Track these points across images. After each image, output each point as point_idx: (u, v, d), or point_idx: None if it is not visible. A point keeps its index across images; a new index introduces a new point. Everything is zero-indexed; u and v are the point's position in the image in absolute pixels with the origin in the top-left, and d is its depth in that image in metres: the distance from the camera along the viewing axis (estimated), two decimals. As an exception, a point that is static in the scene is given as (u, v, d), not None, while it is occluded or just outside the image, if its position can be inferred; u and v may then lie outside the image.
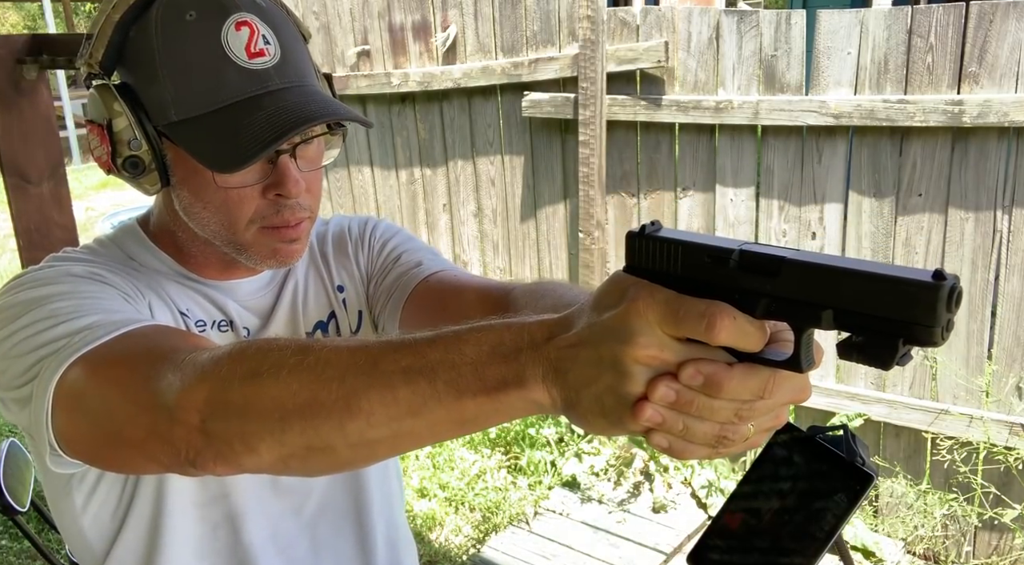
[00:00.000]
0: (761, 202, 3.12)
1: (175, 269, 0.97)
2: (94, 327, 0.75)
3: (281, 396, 0.62)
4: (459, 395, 0.57)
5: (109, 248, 0.96)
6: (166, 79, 0.85)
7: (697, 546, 0.61)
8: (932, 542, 2.95)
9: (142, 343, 0.74)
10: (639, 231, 0.57)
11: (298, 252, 0.94)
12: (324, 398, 0.61)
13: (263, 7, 0.88)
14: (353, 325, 1.09)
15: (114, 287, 0.86)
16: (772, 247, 0.53)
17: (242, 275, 1.01)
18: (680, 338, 0.52)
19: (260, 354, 0.65)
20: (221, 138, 0.83)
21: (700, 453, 0.55)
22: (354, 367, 0.61)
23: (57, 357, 0.74)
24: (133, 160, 0.86)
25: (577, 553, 3.03)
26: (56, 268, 0.87)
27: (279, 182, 0.88)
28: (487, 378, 0.57)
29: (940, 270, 0.47)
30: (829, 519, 0.57)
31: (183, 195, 0.90)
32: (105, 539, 0.94)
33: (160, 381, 0.67)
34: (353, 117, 0.89)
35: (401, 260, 1.08)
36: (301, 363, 0.62)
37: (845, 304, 0.50)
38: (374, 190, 4.26)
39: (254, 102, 0.84)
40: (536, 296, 0.88)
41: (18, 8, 15.20)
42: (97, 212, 7.84)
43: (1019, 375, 2.75)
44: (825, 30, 2.84)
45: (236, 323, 0.99)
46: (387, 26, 3.96)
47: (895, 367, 0.49)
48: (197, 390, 0.65)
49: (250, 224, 0.90)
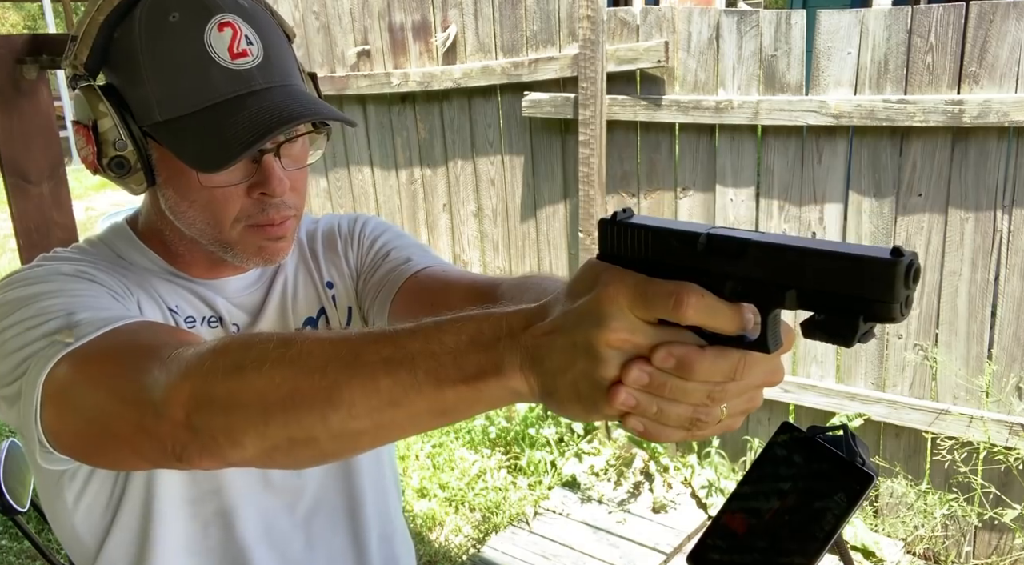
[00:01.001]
0: (761, 202, 3.12)
1: (164, 267, 0.98)
2: (82, 324, 0.76)
3: (264, 389, 0.62)
4: (439, 384, 0.58)
5: (99, 248, 0.97)
6: (150, 80, 0.85)
7: (697, 546, 0.61)
8: (932, 542, 2.95)
9: (129, 339, 0.75)
10: (611, 218, 0.58)
11: (284, 250, 0.95)
12: (306, 390, 0.61)
13: (246, 8, 0.88)
14: (343, 321, 1.09)
15: (102, 285, 0.87)
16: (740, 231, 0.54)
17: (230, 273, 1.01)
18: (651, 322, 0.53)
19: (243, 348, 0.65)
20: (205, 138, 0.84)
21: (675, 435, 0.56)
22: (336, 359, 0.61)
23: (45, 354, 0.74)
24: (119, 160, 0.87)
25: (577, 553, 3.03)
26: (45, 267, 0.88)
27: (264, 181, 0.89)
28: (466, 367, 0.57)
29: (898, 247, 0.48)
30: (829, 519, 0.57)
31: (169, 195, 0.91)
32: (96, 536, 0.94)
33: (147, 377, 0.68)
34: (336, 116, 0.90)
35: (390, 256, 1.09)
36: (283, 356, 0.63)
37: (808, 284, 0.51)
38: (374, 190, 4.26)
39: (237, 102, 0.85)
40: (522, 289, 0.88)
41: (18, 8, 15.20)
42: (97, 212, 7.85)
43: (1019, 375, 2.75)
44: (825, 30, 2.84)
45: (225, 319, 0.99)
46: (387, 26, 3.96)
47: (857, 344, 0.50)
48: (182, 385, 0.65)
49: (236, 223, 0.90)
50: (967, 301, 2.79)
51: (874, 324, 0.50)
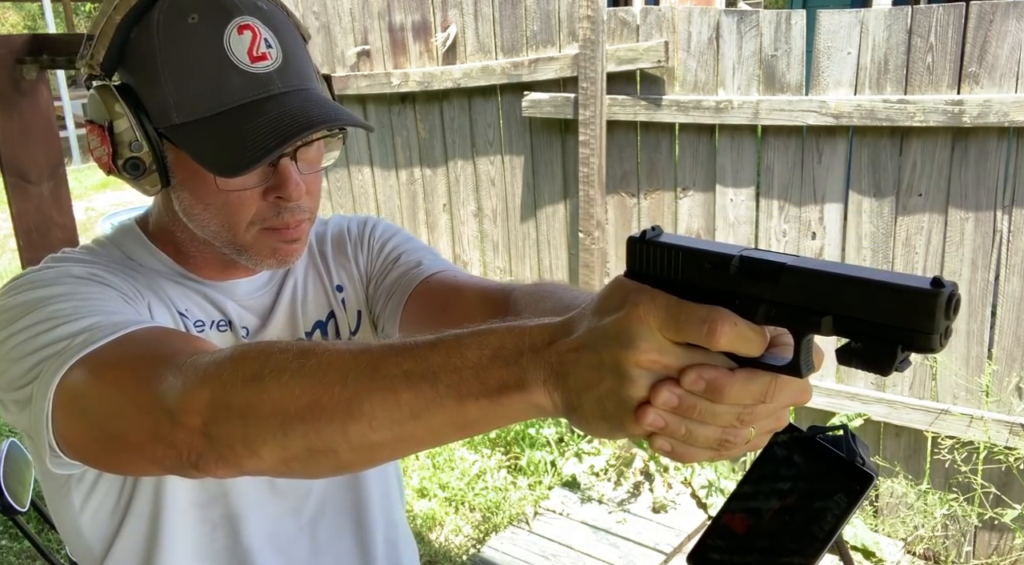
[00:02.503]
0: (761, 202, 3.12)
1: (174, 269, 0.97)
2: (94, 329, 0.75)
3: (283, 399, 0.62)
4: (461, 398, 0.58)
5: (108, 248, 0.97)
6: (168, 81, 0.85)
7: (697, 546, 0.61)
8: (932, 542, 2.95)
9: (143, 345, 0.74)
10: (639, 236, 0.57)
11: (297, 252, 0.95)
12: (326, 401, 0.61)
13: (265, 10, 0.88)
14: (352, 325, 1.09)
15: (113, 288, 0.86)
16: (772, 253, 0.53)
17: (240, 275, 1.01)
18: (680, 343, 0.53)
19: (262, 357, 0.65)
20: (223, 142, 0.83)
21: (702, 456, 0.56)
22: (356, 370, 0.61)
23: (58, 359, 0.73)
24: (134, 161, 0.86)
25: (577, 553, 3.03)
26: (55, 269, 0.87)
27: (280, 185, 0.88)
28: (489, 381, 0.57)
29: (939, 277, 0.48)
30: (829, 519, 0.57)
31: (183, 196, 0.90)
32: (104, 539, 0.94)
33: (161, 384, 0.67)
34: (356, 122, 0.89)
35: (401, 260, 1.08)
36: (303, 366, 0.62)
37: (845, 310, 0.50)
38: (374, 190, 4.26)
39: (257, 106, 0.85)
40: (536, 298, 0.88)
41: (18, 8, 15.20)
42: (97, 212, 7.84)
43: (1019, 375, 2.75)
44: (825, 30, 2.84)
45: (235, 323, 0.99)
46: (387, 26, 3.96)
47: (893, 373, 0.49)
48: (199, 393, 0.65)
49: (250, 226, 0.90)
50: (967, 301, 2.79)
51: (911, 353, 0.49)
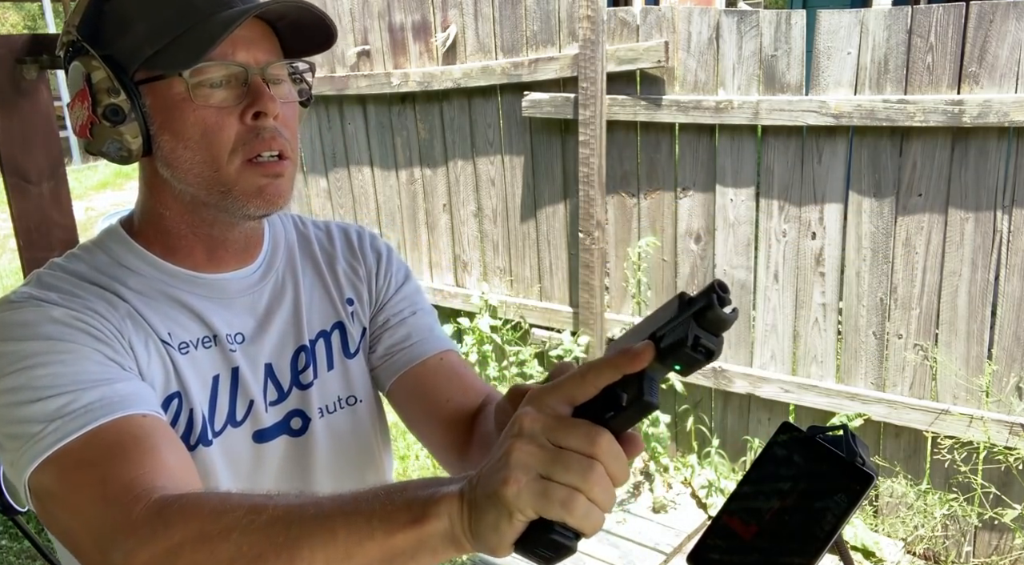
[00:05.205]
0: (761, 202, 3.12)
1: (160, 267, 0.96)
2: (66, 415, 0.78)
3: (231, 557, 0.65)
4: (390, 531, 0.62)
5: (94, 254, 0.96)
6: (138, 24, 0.88)
7: (697, 546, 0.61)
8: (932, 542, 2.95)
9: (110, 452, 0.77)
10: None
11: (283, 192, 0.94)
12: (270, 555, 0.64)
13: None
14: (356, 339, 1.08)
15: (94, 336, 0.85)
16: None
17: (231, 265, 1.00)
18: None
19: (214, 516, 0.68)
20: (187, 44, 0.87)
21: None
22: (301, 516, 0.65)
23: (31, 449, 0.78)
24: (113, 107, 0.88)
25: (577, 553, 3.02)
26: (36, 312, 0.86)
27: (254, 100, 0.90)
28: (415, 509, 0.62)
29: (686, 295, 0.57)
30: (829, 519, 0.57)
31: (164, 142, 0.90)
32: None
33: (115, 531, 0.71)
34: (316, 11, 0.92)
35: (415, 318, 1.12)
36: (253, 522, 0.66)
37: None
38: (374, 190, 4.26)
39: (219, 15, 0.88)
40: (505, 413, 0.92)
41: (18, 8, 15.20)
42: (97, 212, 7.84)
43: (1019, 375, 2.75)
44: (825, 30, 2.84)
45: (221, 336, 0.97)
46: (387, 26, 3.96)
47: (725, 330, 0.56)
48: (144, 559, 0.68)
49: (232, 156, 0.90)
50: (967, 301, 2.79)
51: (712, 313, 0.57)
